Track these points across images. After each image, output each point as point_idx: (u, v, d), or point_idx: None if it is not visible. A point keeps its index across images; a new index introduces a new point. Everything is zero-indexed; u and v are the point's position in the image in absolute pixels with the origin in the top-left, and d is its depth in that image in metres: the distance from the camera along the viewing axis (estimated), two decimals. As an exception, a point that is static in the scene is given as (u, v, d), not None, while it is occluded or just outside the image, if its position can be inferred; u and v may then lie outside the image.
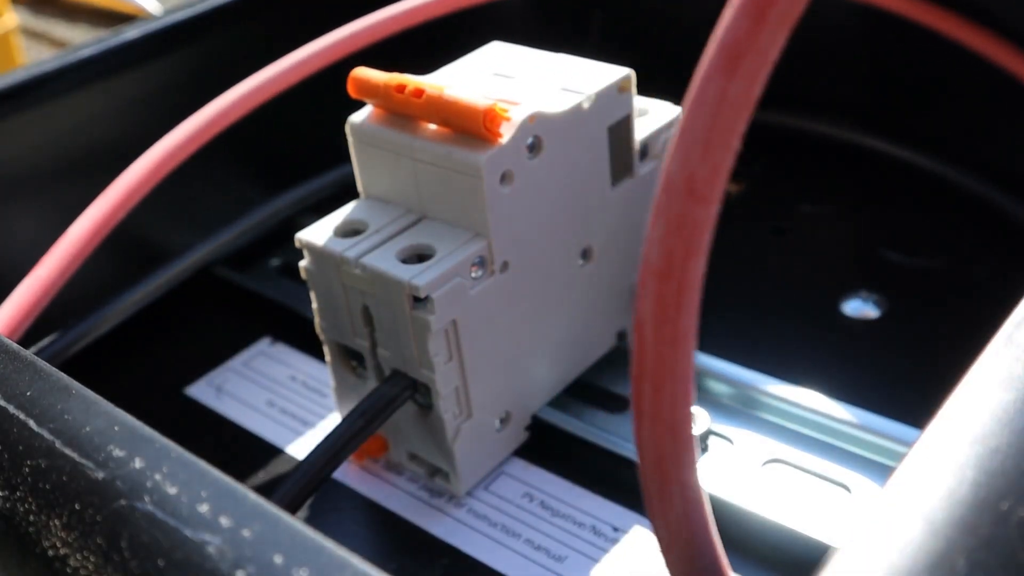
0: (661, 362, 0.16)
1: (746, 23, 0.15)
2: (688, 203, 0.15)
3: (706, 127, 0.15)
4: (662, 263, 0.16)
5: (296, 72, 0.37)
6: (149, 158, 0.34)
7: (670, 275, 0.16)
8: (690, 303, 0.16)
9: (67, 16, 1.59)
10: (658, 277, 0.16)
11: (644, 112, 0.33)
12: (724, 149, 0.15)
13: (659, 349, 0.16)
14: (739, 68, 0.15)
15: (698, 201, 0.15)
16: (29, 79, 0.36)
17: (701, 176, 0.15)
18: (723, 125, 0.15)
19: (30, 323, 0.31)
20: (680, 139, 0.15)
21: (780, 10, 0.15)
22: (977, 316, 0.24)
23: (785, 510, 0.28)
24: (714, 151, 0.15)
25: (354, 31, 0.38)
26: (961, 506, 0.15)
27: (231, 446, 0.34)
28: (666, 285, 0.16)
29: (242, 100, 0.36)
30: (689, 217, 0.16)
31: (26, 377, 0.20)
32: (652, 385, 0.17)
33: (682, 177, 0.15)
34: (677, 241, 0.16)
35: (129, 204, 0.34)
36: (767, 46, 0.15)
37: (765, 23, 0.15)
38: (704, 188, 0.15)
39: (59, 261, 0.32)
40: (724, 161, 0.15)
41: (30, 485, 0.18)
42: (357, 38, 0.38)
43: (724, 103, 0.15)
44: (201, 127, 0.35)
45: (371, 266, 0.28)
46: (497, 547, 0.29)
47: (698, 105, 0.15)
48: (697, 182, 0.15)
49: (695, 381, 0.33)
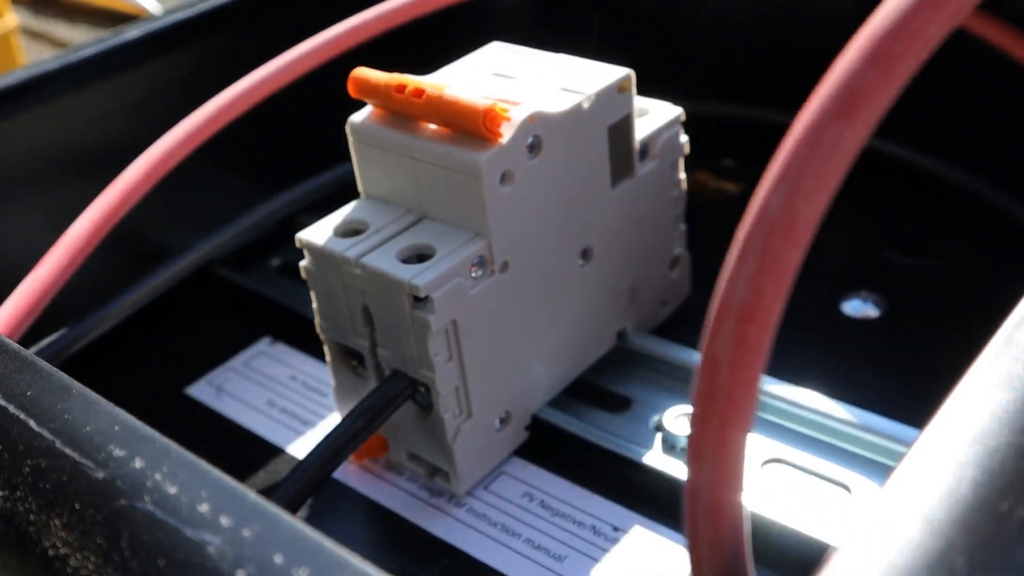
0: (732, 403, 0.16)
1: (872, 73, 0.15)
2: (786, 242, 0.15)
3: (817, 170, 0.15)
4: (749, 302, 0.15)
5: (294, 69, 0.37)
6: (149, 156, 0.34)
7: (755, 315, 0.15)
8: (767, 344, 0.16)
9: (67, 16, 1.59)
10: (741, 317, 0.15)
11: (644, 112, 0.33)
12: (828, 192, 0.15)
13: (731, 389, 0.16)
14: (858, 115, 0.15)
15: (795, 242, 0.15)
16: (29, 79, 0.36)
17: (802, 216, 0.15)
18: (833, 168, 0.15)
19: (31, 323, 0.31)
20: (784, 176, 0.15)
21: (906, 63, 0.15)
22: (977, 316, 0.24)
23: (785, 510, 0.28)
24: (820, 193, 0.15)
25: (355, 25, 0.38)
26: (960, 506, 0.15)
27: (231, 446, 0.34)
28: (749, 325, 0.15)
29: (241, 97, 0.36)
30: (784, 257, 0.15)
31: (26, 377, 0.20)
32: (720, 422, 0.16)
33: (783, 215, 0.15)
34: (768, 280, 0.15)
35: (129, 202, 0.34)
36: (888, 96, 0.15)
37: (891, 75, 0.15)
38: (803, 229, 0.15)
39: (60, 260, 0.32)
40: (825, 204, 0.15)
41: (30, 485, 0.18)
42: (358, 32, 0.38)
43: (838, 147, 0.15)
44: (200, 125, 0.35)
45: (371, 266, 0.28)
46: (497, 547, 0.29)
47: (810, 146, 0.15)
48: (798, 222, 0.15)
49: (694, 381, 0.33)
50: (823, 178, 0.15)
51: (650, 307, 0.35)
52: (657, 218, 0.34)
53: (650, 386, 0.33)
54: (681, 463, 0.30)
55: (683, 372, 0.33)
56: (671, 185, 0.34)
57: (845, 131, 0.15)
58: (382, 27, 0.39)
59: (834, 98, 0.15)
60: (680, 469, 0.30)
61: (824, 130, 0.15)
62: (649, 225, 0.34)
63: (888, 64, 0.15)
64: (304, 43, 0.37)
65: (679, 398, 0.33)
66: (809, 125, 0.15)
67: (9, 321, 0.30)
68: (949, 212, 0.42)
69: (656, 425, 0.32)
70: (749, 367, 0.16)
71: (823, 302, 0.38)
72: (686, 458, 0.31)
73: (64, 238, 0.32)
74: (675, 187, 0.34)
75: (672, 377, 0.33)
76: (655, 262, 0.35)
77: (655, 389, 0.33)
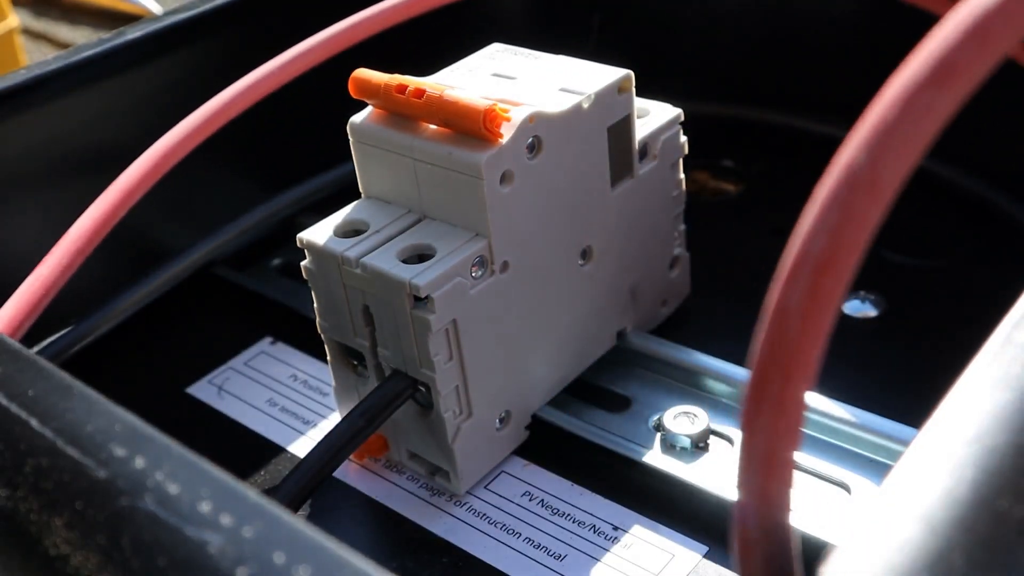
0: (798, 356, 0.16)
1: (970, 45, 0.15)
2: (869, 199, 0.15)
3: (905, 133, 0.15)
4: (827, 254, 0.15)
5: (294, 66, 0.37)
6: (150, 155, 0.34)
7: (832, 267, 0.15)
8: (840, 298, 0.16)
9: (69, 17, 1.59)
10: (817, 268, 0.15)
11: (644, 113, 0.33)
12: (913, 155, 0.15)
13: (800, 341, 0.16)
14: (951, 84, 0.15)
15: (877, 199, 0.15)
16: (30, 79, 0.36)
17: (886, 175, 0.15)
18: (921, 133, 0.15)
19: (32, 322, 0.31)
20: (873, 135, 0.15)
21: (1001, 41, 0.15)
22: (976, 316, 0.24)
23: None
24: (906, 154, 0.15)
25: (356, 22, 0.38)
26: (959, 505, 0.15)
27: (232, 445, 0.34)
28: (825, 277, 0.15)
29: (240, 95, 0.36)
30: (866, 212, 0.15)
31: (28, 376, 0.20)
32: (783, 377, 0.16)
33: (868, 172, 0.15)
34: (848, 234, 0.15)
35: (131, 201, 0.34)
36: (981, 70, 0.15)
37: (987, 49, 0.15)
38: (886, 187, 0.15)
39: (61, 259, 0.32)
40: (910, 166, 0.15)
41: (32, 484, 0.18)
42: (359, 29, 0.38)
43: (929, 113, 0.15)
44: (200, 123, 0.35)
45: (372, 266, 0.28)
46: (497, 546, 0.29)
47: (901, 109, 0.15)
48: (882, 180, 0.15)
49: (695, 381, 0.33)
50: (911, 141, 0.15)
51: (650, 307, 0.35)
52: (657, 218, 0.34)
53: (650, 386, 0.34)
54: (680, 462, 0.30)
55: (683, 372, 0.33)
56: (670, 185, 0.34)
57: (937, 98, 0.15)
58: (381, 24, 0.39)
59: (930, 66, 0.15)
60: (680, 468, 0.30)
61: (917, 95, 0.15)
62: (649, 225, 0.34)
63: (984, 40, 0.15)
64: (303, 42, 0.37)
65: (679, 398, 0.33)
66: (902, 89, 0.16)
67: (11, 321, 0.30)
68: (948, 212, 0.42)
69: (656, 425, 0.32)
70: (820, 320, 0.16)
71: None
72: (686, 457, 0.31)
73: (66, 237, 0.33)
74: (674, 187, 0.34)
75: (672, 377, 0.34)
76: (655, 262, 0.35)
77: (655, 389, 0.33)
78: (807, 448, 0.30)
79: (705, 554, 0.28)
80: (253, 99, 0.36)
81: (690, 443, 0.31)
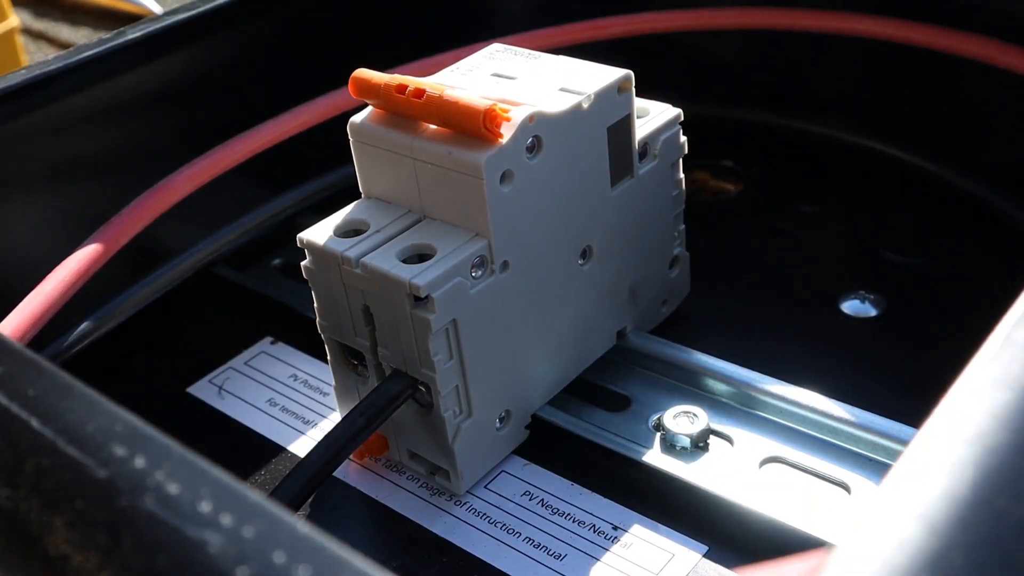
0: None
1: None
2: None
3: None
4: None
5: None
6: (165, 184, 0.35)
7: None
8: None
9: (69, 17, 1.59)
10: None
11: (644, 113, 0.33)
12: None
13: None
14: None
15: None
16: (30, 79, 0.36)
17: None
18: None
19: (34, 335, 0.31)
20: None
21: None
22: (975, 316, 0.24)
23: (784, 509, 0.28)
24: None
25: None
26: (958, 504, 0.15)
27: (232, 445, 0.34)
28: None
29: (262, 135, 0.36)
30: None
31: (28, 376, 0.20)
32: None
33: None
34: None
35: (136, 229, 0.34)
36: None
37: None
38: None
39: (65, 278, 0.32)
40: None
41: (32, 484, 0.18)
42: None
43: None
44: (220, 158, 0.36)
45: (372, 266, 0.28)
46: (497, 545, 0.29)
47: None
48: None
49: (695, 381, 0.33)
50: None
51: (650, 307, 0.35)
52: (656, 218, 0.34)
53: (649, 385, 0.34)
54: (680, 462, 0.30)
55: (683, 372, 0.33)
56: (670, 185, 0.34)
57: None
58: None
59: None
60: (680, 468, 0.30)
61: None
62: (649, 225, 0.34)
63: None
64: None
65: (679, 398, 0.33)
66: None
67: (13, 334, 0.31)
68: (948, 212, 0.42)
69: (655, 424, 0.32)
70: None
71: (822, 302, 0.38)
72: (686, 456, 0.31)
73: (71, 258, 0.33)
74: (674, 187, 0.34)
75: (672, 377, 0.34)
76: (655, 262, 0.35)
77: (654, 388, 0.33)
78: (807, 448, 0.30)
79: (705, 553, 0.28)
80: (275, 139, 0.37)
81: (690, 443, 0.31)
